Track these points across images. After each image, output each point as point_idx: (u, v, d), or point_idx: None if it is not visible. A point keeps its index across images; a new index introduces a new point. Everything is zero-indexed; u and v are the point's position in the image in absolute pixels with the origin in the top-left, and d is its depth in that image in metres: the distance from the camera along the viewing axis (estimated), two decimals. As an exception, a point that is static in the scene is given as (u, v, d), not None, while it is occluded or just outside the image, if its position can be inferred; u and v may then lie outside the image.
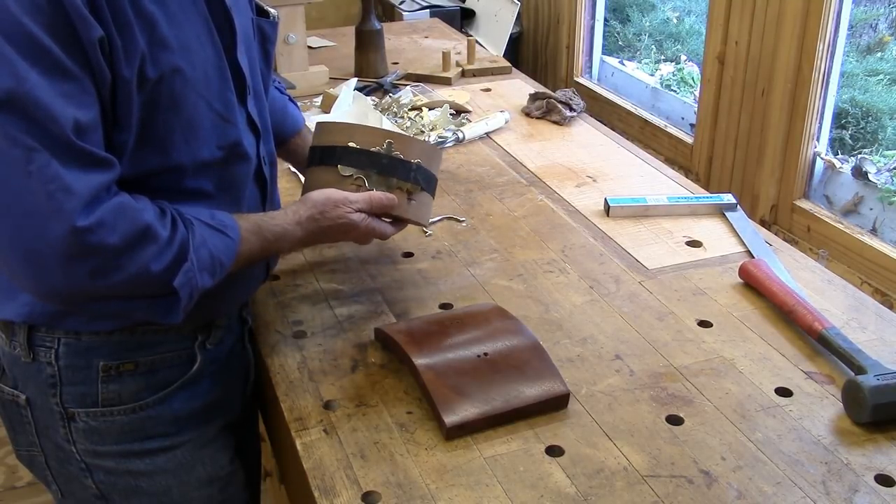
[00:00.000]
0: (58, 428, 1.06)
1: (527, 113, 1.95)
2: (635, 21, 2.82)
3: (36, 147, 0.83)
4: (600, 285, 1.29)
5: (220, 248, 0.98)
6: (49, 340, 1.02)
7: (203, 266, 0.95)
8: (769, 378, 1.09)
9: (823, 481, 0.93)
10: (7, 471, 2.21)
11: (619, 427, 1.01)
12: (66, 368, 1.03)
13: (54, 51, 0.83)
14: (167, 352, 1.07)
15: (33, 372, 1.04)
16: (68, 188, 0.84)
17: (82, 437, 1.06)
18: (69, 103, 0.84)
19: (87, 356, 1.03)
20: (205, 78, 0.97)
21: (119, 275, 0.89)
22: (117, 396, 1.05)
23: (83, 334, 1.02)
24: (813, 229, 1.82)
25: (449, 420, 0.98)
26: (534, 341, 1.10)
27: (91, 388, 1.04)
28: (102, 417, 1.05)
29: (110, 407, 1.05)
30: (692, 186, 1.63)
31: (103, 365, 1.03)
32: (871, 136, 1.97)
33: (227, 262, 0.99)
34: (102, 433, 1.06)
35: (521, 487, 0.92)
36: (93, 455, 1.07)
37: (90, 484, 1.09)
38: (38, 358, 1.03)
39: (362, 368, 1.11)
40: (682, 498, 0.90)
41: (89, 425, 1.05)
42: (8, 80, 0.81)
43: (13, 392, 1.07)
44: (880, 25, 2.19)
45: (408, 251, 1.39)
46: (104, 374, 1.04)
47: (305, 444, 0.98)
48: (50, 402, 1.04)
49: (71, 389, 1.04)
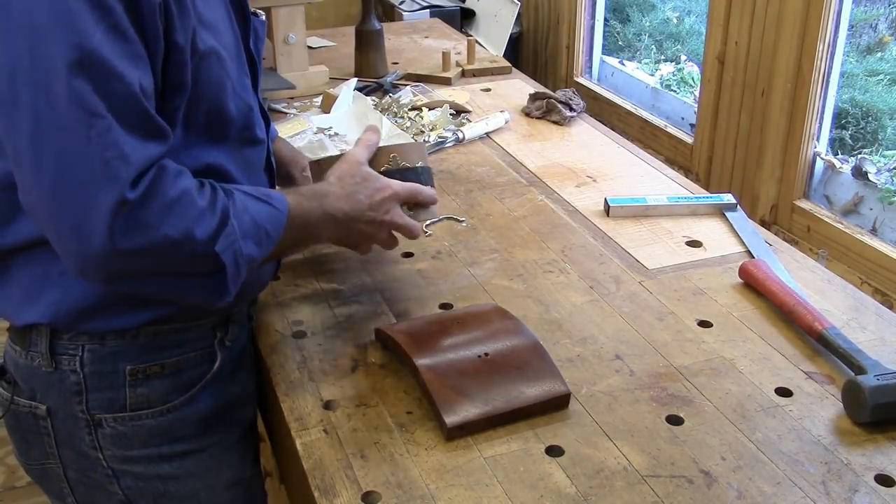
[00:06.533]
0: (82, 436, 1.04)
1: (527, 113, 1.95)
2: (635, 21, 2.82)
3: (99, 110, 0.81)
4: (600, 285, 1.29)
5: (263, 216, 0.96)
6: (72, 348, 1.01)
7: (246, 232, 0.94)
8: (769, 378, 1.09)
9: (823, 481, 0.93)
10: (7, 471, 2.21)
11: (619, 427, 1.01)
12: (92, 375, 1.02)
13: (117, 10, 0.81)
14: (190, 351, 1.07)
15: (55, 381, 1.02)
16: (126, 157, 0.83)
17: (110, 443, 1.05)
18: (134, 65, 0.83)
19: (112, 361, 1.02)
20: (230, 61, 0.98)
21: (163, 243, 0.87)
22: (146, 399, 1.04)
23: (107, 338, 1.01)
24: (813, 229, 1.82)
25: (450, 420, 0.98)
26: (534, 341, 1.10)
27: (119, 393, 1.03)
28: (131, 422, 1.04)
29: (138, 411, 1.04)
30: (692, 186, 1.63)
31: (130, 369, 1.02)
32: (871, 136, 1.97)
33: (273, 230, 0.97)
34: (131, 438, 1.05)
35: (521, 487, 0.92)
36: (121, 461, 1.06)
37: (116, 490, 1.07)
38: (61, 366, 1.01)
39: (362, 368, 1.11)
40: (682, 498, 0.90)
41: (117, 430, 1.04)
42: (75, 35, 0.79)
43: (30, 404, 1.05)
44: (880, 25, 2.19)
45: (408, 251, 1.39)
46: (131, 378, 1.03)
47: (305, 444, 0.98)
48: (74, 410, 1.03)
49: (98, 396, 1.02)
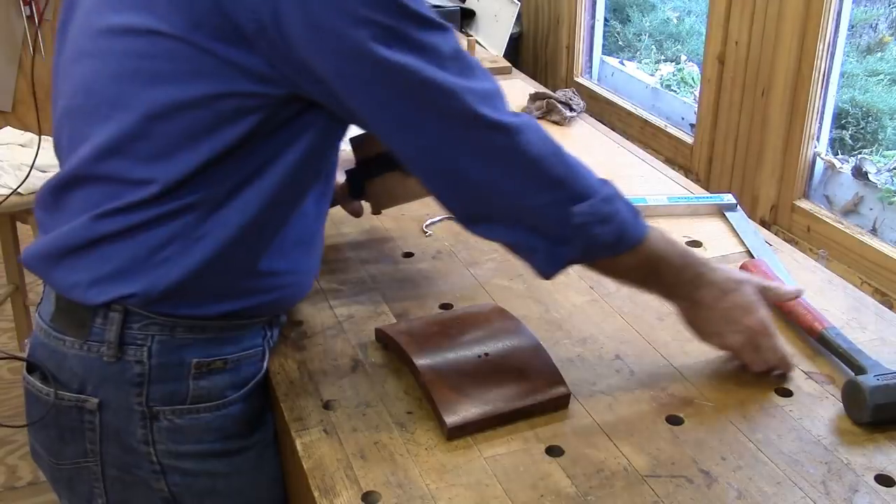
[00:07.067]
0: (133, 430, 1.03)
1: (527, 113, 1.95)
2: (635, 21, 2.82)
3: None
4: (600, 285, 1.29)
5: (629, 220, 1.01)
6: (141, 338, 1.00)
7: (604, 218, 0.99)
8: (769, 378, 1.09)
9: (823, 481, 0.93)
10: (7, 471, 2.21)
11: (619, 427, 1.01)
12: (158, 367, 1.01)
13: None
14: (248, 348, 1.08)
15: (114, 372, 1.01)
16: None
17: (164, 436, 1.04)
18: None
19: (179, 353, 1.02)
20: None
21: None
22: (206, 393, 1.04)
23: (177, 331, 1.01)
24: (813, 229, 1.82)
25: (450, 420, 0.98)
26: (534, 341, 1.10)
27: (181, 386, 1.03)
28: (189, 415, 1.04)
29: (197, 404, 1.04)
30: (692, 186, 1.63)
31: (196, 362, 1.02)
32: (872, 136, 1.97)
33: (620, 245, 1.00)
34: (186, 432, 1.04)
35: (521, 487, 0.92)
36: (173, 456, 1.05)
37: (162, 487, 1.06)
38: (126, 357, 1.00)
39: (362, 368, 1.11)
40: (682, 498, 0.90)
41: (174, 423, 1.03)
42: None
43: (77, 398, 1.03)
44: (880, 25, 2.19)
45: (408, 251, 1.39)
46: (196, 371, 1.03)
47: (305, 444, 0.98)
48: (131, 402, 1.02)
49: (159, 387, 1.02)
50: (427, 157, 0.95)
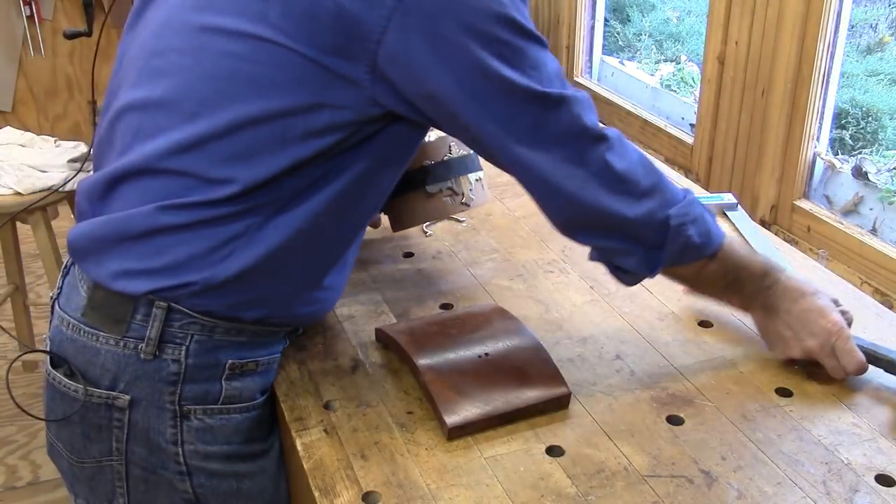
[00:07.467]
0: (163, 429, 1.02)
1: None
2: (635, 21, 2.82)
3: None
4: (600, 285, 1.29)
5: (710, 220, 1.04)
6: (180, 337, 1.00)
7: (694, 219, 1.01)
8: (769, 378, 1.09)
9: (824, 481, 0.93)
10: (7, 471, 2.21)
11: (620, 427, 1.01)
12: (194, 366, 1.01)
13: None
14: (277, 353, 1.09)
15: (150, 370, 1.00)
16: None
17: (194, 436, 1.03)
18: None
19: (216, 354, 1.02)
20: None
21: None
22: (238, 394, 1.04)
23: (216, 331, 1.01)
24: (813, 229, 1.82)
25: (450, 420, 0.98)
26: (534, 341, 1.10)
27: (214, 386, 1.03)
28: (220, 415, 1.04)
29: (229, 405, 1.04)
30: (692, 186, 1.63)
31: (231, 363, 1.03)
32: (872, 136, 1.97)
33: (708, 246, 1.03)
34: (216, 432, 1.04)
35: (521, 487, 0.92)
36: (201, 457, 1.04)
37: (186, 488, 1.05)
38: (163, 355, 1.00)
39: (362, 368, 1.11)
40: (682, 498, 0.90)
41: (205, 423, 1.03)
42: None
43: (108, 394, 1.02)
44: (880, 25, 2.19)
45: (408, 251, 1.39)
46: (230, 372, 1.03)
47: (305, 444, 0.98)
48: (164, 400, 1.01)
49: (193, 387, 1.02)
50: (535, 168, 0.96)
